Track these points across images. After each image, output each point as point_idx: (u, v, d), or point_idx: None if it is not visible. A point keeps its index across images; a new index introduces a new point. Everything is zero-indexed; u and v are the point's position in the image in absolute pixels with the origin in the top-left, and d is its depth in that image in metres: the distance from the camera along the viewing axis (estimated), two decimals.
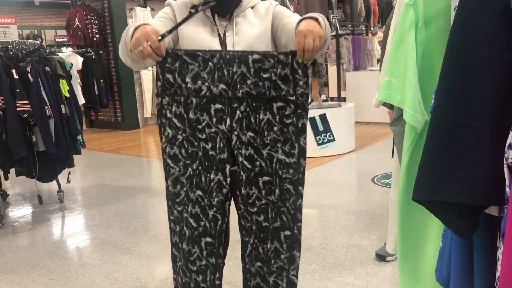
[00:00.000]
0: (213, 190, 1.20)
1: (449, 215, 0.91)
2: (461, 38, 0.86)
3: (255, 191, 1.21)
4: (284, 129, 1.19)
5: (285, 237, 1.24)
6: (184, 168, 1.19)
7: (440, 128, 0.88)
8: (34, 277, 2.75)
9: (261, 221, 1.22)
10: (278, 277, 1.23)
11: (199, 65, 1.18)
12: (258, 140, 1.19)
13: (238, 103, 1.17)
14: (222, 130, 1.19)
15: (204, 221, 1.21)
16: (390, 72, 1.17)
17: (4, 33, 3.91)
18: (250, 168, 1.21)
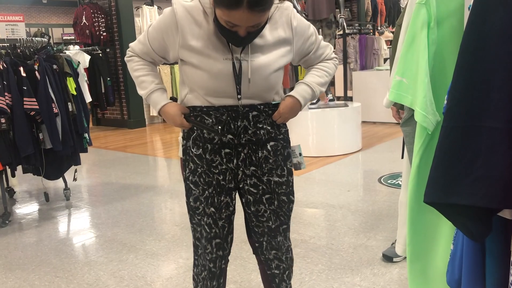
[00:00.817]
0: (222, 208, 1.64)
1: (462, 218, 0.90)
2: (476, 36, 0.84)
3: (262, 206, 1.65)
4: (276, 158, 1.62)
5: (283, 229, 1.73)
6: (202, 191, 1.61)
7: (454, 128, 0.86)
8: (40, 274, 2.75)
9: (269, 225, 1.69)
10: (286, 253, 1.76)
11: (213, 121, 1.52)
12: (259, 171, 1.60)
13: (242, 147, 1.57)
14: (230, 167, 1.60)
15: (215, 229, 1.65)
16: (401, 72, 1.15)
17: (12, 31, 3.92)
18: (255, 192, 1.63)
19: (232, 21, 1.32)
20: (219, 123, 1.51)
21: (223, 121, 1.51)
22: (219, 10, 1.33)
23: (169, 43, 1.50)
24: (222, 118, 1.50)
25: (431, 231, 1.19)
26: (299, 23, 1.53)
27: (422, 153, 1.13)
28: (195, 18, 1.44)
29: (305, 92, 1.61)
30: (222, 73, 1.44)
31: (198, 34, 1.44)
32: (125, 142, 7.06)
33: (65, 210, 3.96)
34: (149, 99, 1.59)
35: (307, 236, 3.07)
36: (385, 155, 5.22)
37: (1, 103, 3.33)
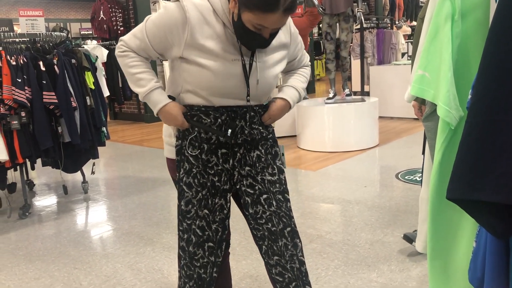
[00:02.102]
0: (216, 210, 1.60)
1: (485, 215, 0.88)
2: (503, 29, 0.82)
3: (260, 208, 1.61)
4: (266, 157, 1.63)
5: (288, 233, 1.63)
6: (196, 193, 1.57)
7: (479, 123, 0.85)
8: (59, 265, 2.80)
9: (269, 227, 1.61)
10: (291, 262, 1.62)
11: (211, 121, 1.51)
12: (253, 171, 1.60)
13: (238, 147, 1.57)
14: (226, 168, 1.58)
15: (208, 231, 1.61)
16: (424, 66, 1.13)
17: (32, 25, 3.97)
18: (252, 192, 1.61)
19: (264, 24, 1.33)
20: (218, 123, 1.50)
21: (221, 121, 1.50)
22: (251, 14, 1.31)
23: (174, 41, 1.43)
24: (221, 118, 1.49)
25: (453, 228, 1.17)
26: (294, 29, 1.63)
27: (444, 149, 1.11)
28: (206, 17, 1.41)
29: (294, 96, 1.67)
30: (230, 74, 1.44)
31: (208, 33, 1.41)
32: (142, 136, 7.12)
33: (83, 203, 4.01)
34: (147, 98, 1.51)
35: (323, 232, 3.06)
36: (402, 150, 5.17)
37: (21, 97, 3.38)
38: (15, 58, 3.46)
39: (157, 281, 2.54)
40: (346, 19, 5.32)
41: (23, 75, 3.44)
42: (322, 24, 5.49)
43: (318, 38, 14.10)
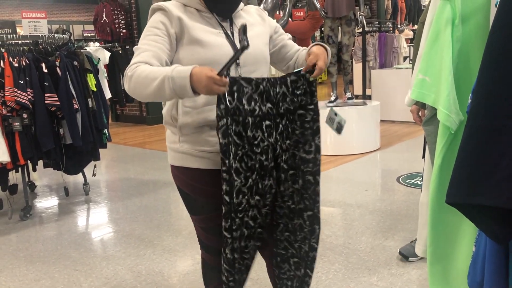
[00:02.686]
0: (266, 193, 1.49)
1: (485, 219, 0.88)
2: (503, 35, 0.82)
3: (286, 184, 1.51)
4: (304, 132, 1.48)
5: (307, 216, 1.53)
6: (245, 179, 1.42)
7: (479, 128, 0.85)
8: (60, 267, 2.80)
9: (289, 204, 1.52)
10: (301, 243, 1.55)
11: (252, 88, 1.39)
12: (292, 145, 1.49)
13: (280, 118, 1.45)
14: (271, 143, 1.45)
15: (259, 219, 1.49)
16: (424, 70, 1.13)
17: (35, 27, 3.98)
18: (286, 168, 1.50)
19: None
20: (260, 90, 1.41)
21: (263, 88, 1.41)
22: None
23: (172, 37, 1.46)
24: (263, 84, 1.41)
25: (452, 233, 1.16)
26: (269, 18, 1.70)
27: (444, 153, 1.11)
28: (181, 11, 1.49)
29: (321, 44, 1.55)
30: (221, 45, 1.46)
31: (189, 22, 1.47)
32: (144, 138, 7.12)
33: (84, 205, 4.01)
34: (172, 80, 1.29)
35: (324, 235, 3.06)
36: (403, 154, 5.16)
37: (24, 99, 3.39)
38: (18, 60, 3.47)
39: (157, 283, 2.53)
40: (348, 23, 5.32)
41: (26, 77, 3.45)
42: (324, 28, 5.50)
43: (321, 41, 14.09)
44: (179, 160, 1.58)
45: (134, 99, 6.99)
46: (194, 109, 1.48)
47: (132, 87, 1.38)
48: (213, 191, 1.53)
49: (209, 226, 1.63)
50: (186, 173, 1.56)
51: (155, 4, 1.50)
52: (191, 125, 1.50)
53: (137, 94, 1.38)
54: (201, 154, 1.53)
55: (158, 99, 1.38)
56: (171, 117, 1.54)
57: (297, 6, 7.67)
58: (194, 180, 1.56)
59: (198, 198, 1.59)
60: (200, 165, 1.54)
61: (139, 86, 1.35)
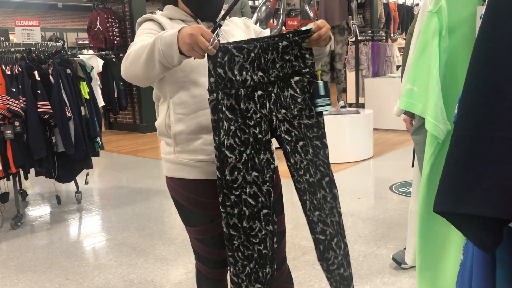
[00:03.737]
0: (264, 168, 1.42)
1: (472, 228, 0.89)
2: (488, 46, 0.84)
3: (298, 156, 1.45)
4: (304, 97, 1.42)
5: (326, 183, 1.49)
6: (239, 155, 1.36)
7: (464, 137, 0.86)
8: (51, 276, 2.78)
9: (307, 178, 1.47)
10: (331, 216, 1.52)
11: (243, 56, 1.32)
12: (288, 114, 1.42)
13: (272, 86, 1.38)
14: (264, 114, 1.39)
15: (261, 197, 1.41)
16: (412, 80, 1.15)
17: (28, 35, 3.98)
18: (289, 140, 1.45)
19: None
20: (251, 58, 1.34)
21: (254, 55, 1.34)
22: None
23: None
24: (254, 52, 1.34)
25: (441, 241, 1.17)
26: (254, 26, 1.68)
27: (432, 162, 1.12)
28: (169, 24, 1.50)
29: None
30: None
31: (175, 25, 1.48)
32: (137, 146, 7.11)
33: (76, 213, 3.99)
34: (161, 38, 1.26)
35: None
36: (397, 162, 5.19)
37: (16, 106, 3.38)
38: (10, 68, 3.47)
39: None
40: (341, 32, 5.36)
41: (18, 84, 3.45)
42: None
43: None
44: (174, 171, 1.55)
45: (127, 107, 6.94)
46: (186, 116, 1.46)
47: (127, 65, 1.35)
48: (209, 202, 1.51)
49: (205, 238, 1.60)
50: (182, 184, 1.53)
51: (143, 16, 1.52)
52: (185, 132, 1.48)
53: (132, 70, 1.34)
54: (197, 164, 1.50)
55: (150, 71, 1.31)
56: (165, 126, 1.52)
57: (291, 15, 7.73)
58: (190, 191, 1.53)
59: (194, 210, 1.56)
60: (196, 176, 1.51)
61: (134, 59, 1.32)
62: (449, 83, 1.05)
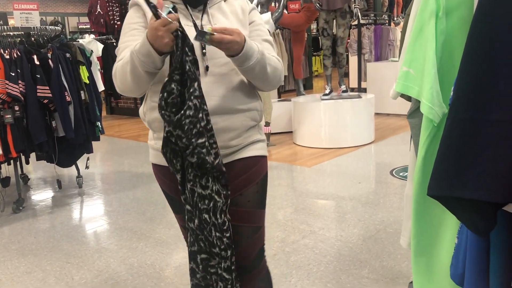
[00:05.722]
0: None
1: (466, 212, 0.88)
2: (484, 27, 0.82)
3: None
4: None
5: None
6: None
7: (459, 121, 0.85)
8: (52, 260, 2.80)
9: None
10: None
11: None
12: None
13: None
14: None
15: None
16: (408, 63, 1.13)
17: (26, 19, 3.95)
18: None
19: None
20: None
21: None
22: None
23: (142, 25, 1.43)
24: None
25: (436, 225, 1.17)
26: (255, 13, 1.56)
27: (428, 145, 1.11)
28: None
29: (252, 43, 1.37)
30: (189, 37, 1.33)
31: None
32: (138, 131, 7.10)
33: (77, 198, 4.01)
34: (136, 52, 1.27)
35: (316, 228, 3.07)
36: (398, 147, 5.17)
37: (15, 91, 3.37)
38: (9, 52, 3.45)
39: (148, 276, 2.54)
40: (343, 15, 5.30)
41: (17, 69, 3.43)
42: (319, 20, 5.48)
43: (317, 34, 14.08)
44: (154, 157, 1.55)
45: None
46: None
47: (118, 84, 1.38)
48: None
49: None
50: (162, 170, 1.53)
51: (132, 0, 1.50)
52: (157, 120, 1.41)
53: (125, 87, 1.37)
54: None
55: (141, 83, 1.33)
56: (143, 113, 1.50)
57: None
58: (169, 178, 1.51)
59: (173, 197, 1.55)
60: None
61: (122, 78, 1.35)
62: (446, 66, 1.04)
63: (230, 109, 1.42)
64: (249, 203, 1.54)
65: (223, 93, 1.40)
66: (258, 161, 1.54)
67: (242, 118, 1.46)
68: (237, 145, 1.48)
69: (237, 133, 1.46)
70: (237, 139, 1.47)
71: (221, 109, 1.40)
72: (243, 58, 1.32)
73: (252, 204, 1.54)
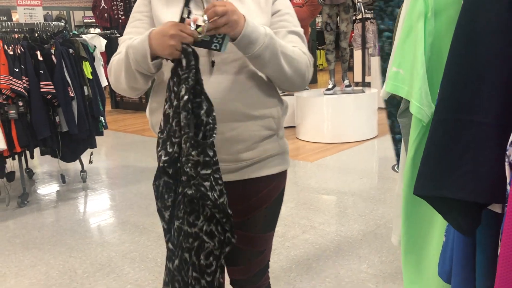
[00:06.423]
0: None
1: (451, 211, 0.89)
2: (469, 29, 0.83)
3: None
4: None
5: None
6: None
7: (444, 121, 0.86)
8: (55, 254, 2.84)
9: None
10: None
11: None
12: None
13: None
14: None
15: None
16: (398, 63, 1.14)
17: (30, 15, 3.98)
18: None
19: None
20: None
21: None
22: None
23: (148, 14, 1.31)
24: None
25: (425, 223, 1.19)
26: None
27: (417, 145, 1.12)
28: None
29: (255, 25, 1.14)
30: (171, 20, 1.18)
31: (161, 1, 1.28)
32: (143, 125, 7.13)
33: (81, 192, 4.05)
34: (132, 47, 1.15)
35: (317, 223, 3.09)
36: None
37: (19, 87, 3.41)
38: (13, 48, 3.48)
39: (150, 270, 2.58)
40: (346, 10, 5.29)
41: (21, 64, 3.47)
42: (322, 15, 5.47)
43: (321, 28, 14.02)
44: None
45: None
46: (161, 105, 1.20)
47: (112, 80, 1.27)
48: None
49: None
50: None
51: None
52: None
53: (118, 85, 1.26)
54: None
55: (133, 82, 1.20)
56: (148, 115, 1.37)
57: None
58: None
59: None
60: None
61: (117, 75, 1.23)
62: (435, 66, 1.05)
63: (239, 116, 1.21)
64: (256, 228, 1.35)
65: (231, 95, 1.20)
66: (273, 179, 1.34)
67: (254, 127, 1.24)
68: (249, 159, 1.27)
69: (247, 145, 1.25)
70: (248, 152, 1.26)
71: (227, 115, 1.20)
72: (245, 42, 1.11)
73: (259, 229, 1.36)
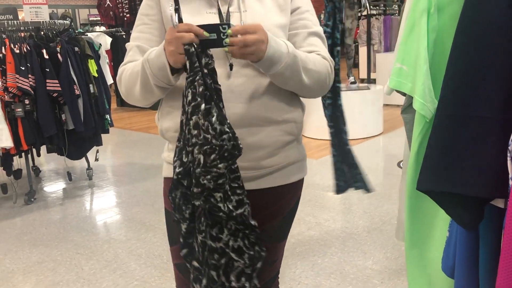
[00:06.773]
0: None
1: (453, 206, 0.90)
2: (471, 25, 0.83)
3: None
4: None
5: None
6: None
7: (447, 117, 0.86)
8: (62, 250, 2.87)
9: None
10: None
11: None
12: None
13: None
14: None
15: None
16: (401, 59, 1.14)
17: (36, 13, 4.00)
18: None
19: None
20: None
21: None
22: None
23: (160, 22, 1.22)
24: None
25: (429, 218, 1.19)
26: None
27: (420, 141, 1.13)
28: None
29: (277, 41, 1.08)
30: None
31: (181, 3, 1.14)
32: (149, 123, 7.16)
33: (88, 189, 4.08)
34: (148, 61, 1.11)
35: (322, 219, 3.10)
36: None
37: (25, 85, 3.43)
38: (19, 46, 3.51)
39: (156, 267, 2.59)
40: (351, 6, 5.28)
41: (27, 63, 3.49)
42: None
43: None
44: (166, 170, 1.36)
45: None
46: (177, 110, 1.16)
47: (124, 91, 1.23)
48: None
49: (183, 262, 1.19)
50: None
51: None
52: (172, 129, 1.22)
53: (131, 96, 1.22)
54: None
55: (150, 95, 1.17)
56: (157, 120, 1.31)
57: None
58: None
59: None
60: None
61: (129, 87, 1.20)
62: (438, 62, 1.05)
63: (260, 121, 1.15)
64: (271, 238, 1.29)
65: (252, 99, 1.14)
66: (292, 188, 1.30)
67: (276, 133, 1.18)
68: (270, 166, 1.21)
69: (268, 151, 1.19)
70: (270, 159, 1.20)
71: (248, 120, 1.14)
72: (267, 64, 1.06)
73: (274, 238, 1.30)
